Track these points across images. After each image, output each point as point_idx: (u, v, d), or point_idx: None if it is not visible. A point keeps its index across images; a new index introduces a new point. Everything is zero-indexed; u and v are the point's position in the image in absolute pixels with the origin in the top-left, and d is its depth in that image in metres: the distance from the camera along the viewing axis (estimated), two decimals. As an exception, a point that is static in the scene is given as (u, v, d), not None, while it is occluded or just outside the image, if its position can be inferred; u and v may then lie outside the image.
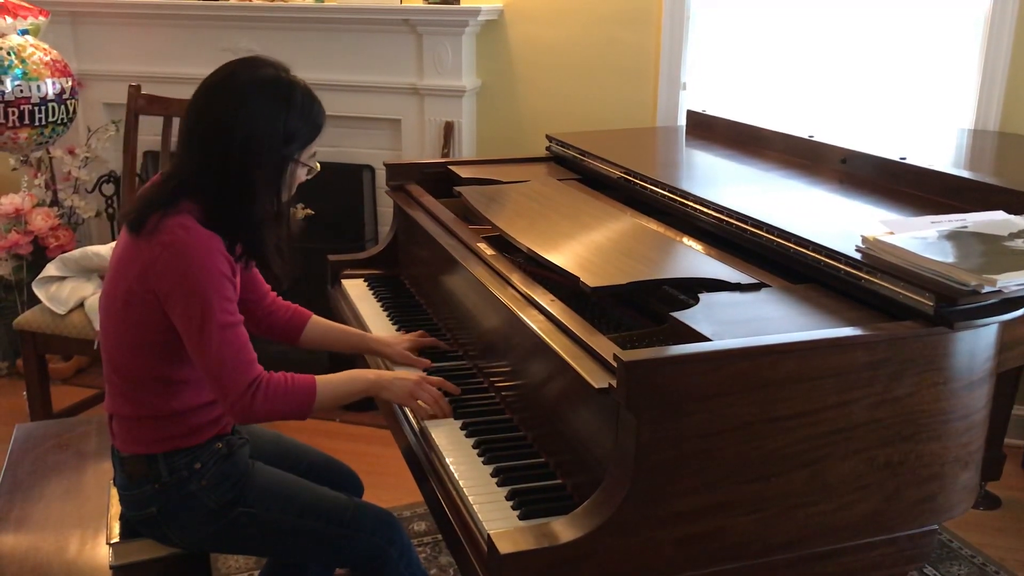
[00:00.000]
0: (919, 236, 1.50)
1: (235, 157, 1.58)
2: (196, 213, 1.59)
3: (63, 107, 3.49)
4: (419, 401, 1.71)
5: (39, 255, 3.48)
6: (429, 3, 3.39)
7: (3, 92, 3.31)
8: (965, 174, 1.98)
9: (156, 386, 1.66)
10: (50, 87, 3.42)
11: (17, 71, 3.33)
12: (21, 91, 3.34)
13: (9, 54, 3.33)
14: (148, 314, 1.60)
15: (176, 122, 2.01)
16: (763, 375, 1.26)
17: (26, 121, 3.39)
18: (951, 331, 1.35)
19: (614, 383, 1.25)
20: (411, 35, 3.45)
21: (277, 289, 1.92)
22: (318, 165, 1.74)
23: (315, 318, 1.98)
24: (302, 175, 1.71)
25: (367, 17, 3.45)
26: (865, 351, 1.31)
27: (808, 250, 1.60)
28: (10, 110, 3.34)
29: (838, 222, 1.80)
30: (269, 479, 1.75)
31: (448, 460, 1.55)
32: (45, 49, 3.48)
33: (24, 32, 3.51)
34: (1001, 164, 2.51)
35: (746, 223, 1.76)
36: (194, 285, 1.55)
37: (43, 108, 3.41)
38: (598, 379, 1.31)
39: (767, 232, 1.70)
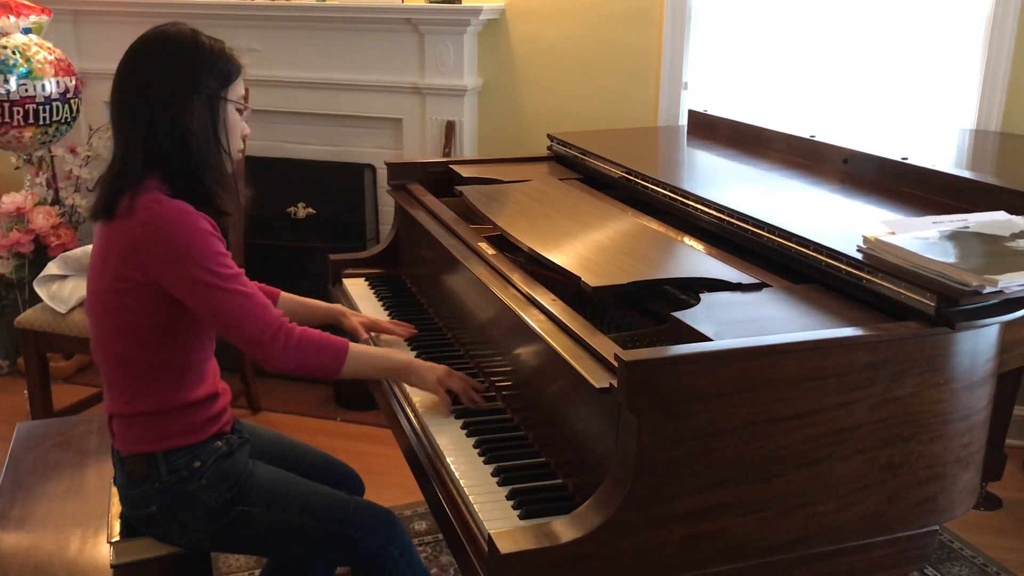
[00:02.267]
0: (920, 236, 1.50)
1: (164, 114, 1.59)
2: (160, 187, 1.60)
3: (67, 106, 3.49)
4: (445, 391, 1.72)
5: (40, 254, 3.48)
6: (431, 2, 3.39)
7: (8, 91, 3.31)
8: (967, 174, 1.98)
9: (153, 376, 1.66)
10: (54, 86, 3.43)
11: (22, 70, 3.33)
12: (26, 90, 3.34)
13: (14, 53, 3.33)
14: (138, 297, 1.60)
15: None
16: (764, 375, 1.26)
17: (30, 120, 3.39)
18: (952, 332, 1.35)
19: (615, 383, 1.25)
20: (413, 34, 3.45)
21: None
22: (249, 107, 1.75)
23: (284, 295, 2.01)
24: (238, 119, 1.70)
25: (369, 16, 3.45)
26: (866, 351, 1.31)
27: (809, 250, 1.60)
28: (15, 109, 3.34)
29: (839, 222, 1.80)
30: (269, 478, 1.75)
31: (449, 460, 1.55)
32: (49, 48, 3.48)
33: (27, 31, 3.51)
34: (1002, 164, 2.51)
35: (747, 223, 1.76)
36: (184, 251, 1.56)
37: (47, 107, 3.41)
38: (599, 379, 1.31)
39: (768, 232, 1.70)
